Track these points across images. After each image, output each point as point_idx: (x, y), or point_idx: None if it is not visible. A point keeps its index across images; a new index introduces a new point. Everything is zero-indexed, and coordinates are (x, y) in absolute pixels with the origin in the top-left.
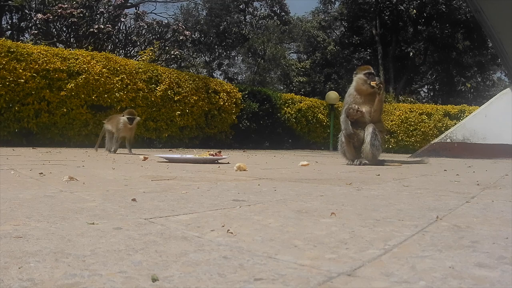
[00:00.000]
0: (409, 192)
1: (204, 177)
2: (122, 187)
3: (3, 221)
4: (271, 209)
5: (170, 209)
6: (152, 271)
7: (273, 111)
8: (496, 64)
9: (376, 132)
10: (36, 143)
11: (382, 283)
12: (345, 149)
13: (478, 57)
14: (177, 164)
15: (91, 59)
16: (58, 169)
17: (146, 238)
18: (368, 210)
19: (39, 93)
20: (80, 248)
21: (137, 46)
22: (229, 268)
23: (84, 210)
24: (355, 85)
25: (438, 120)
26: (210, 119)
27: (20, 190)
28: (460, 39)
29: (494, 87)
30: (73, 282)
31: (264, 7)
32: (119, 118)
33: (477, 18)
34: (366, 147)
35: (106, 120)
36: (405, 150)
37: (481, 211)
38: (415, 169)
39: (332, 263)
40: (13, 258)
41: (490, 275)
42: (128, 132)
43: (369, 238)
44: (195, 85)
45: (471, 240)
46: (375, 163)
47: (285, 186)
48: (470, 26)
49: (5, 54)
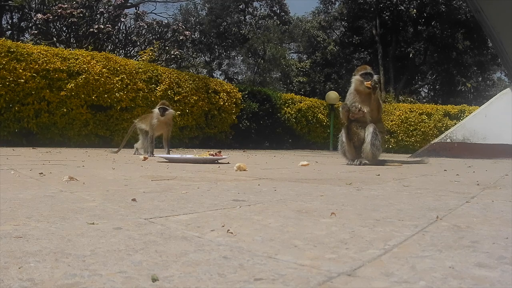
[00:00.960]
0: (409, 192)
1: (204, 177)
2: (122, 187)
3: (3, 221)
4: (271, 209)
5: (170, 209)
6: (152, 271)
7: (273, 111)
8: (496, 64)
9: (377, 132)
10: (36, 143)
11: (382, 283)
12: (345, 149)
13: (478, 57)
14: (177, 164)
15: (91, 59)
16: (58, 169)
17: (146, 238)
18: (368, 210)
19: (39, 93)
20: (80, 248)
21: (137, 46)
22: (229, 268)
23: (84, 210)
24: (354, 86)
25: (438, 120)
26: (210, 119)
27: (20, 190)
28: (460, 39)
29: (494, 87)
30: (73, 282)
31: (264, 7)
32: (151, 112)
33: (477, 18)
34: (366, 146)
35: (137, 120)
36: (405, 150)
37: (481, 211)
38: (415, 169)
39: (332, 263)
40: (13, 258)
41: (490, 275)
42: (163, 128)
43: (369, 238)
44: (195, 85)
45: (471, 240)
46: (375, 163)
47: (285, 186)
48: (470, 26)
49: (5, 54)
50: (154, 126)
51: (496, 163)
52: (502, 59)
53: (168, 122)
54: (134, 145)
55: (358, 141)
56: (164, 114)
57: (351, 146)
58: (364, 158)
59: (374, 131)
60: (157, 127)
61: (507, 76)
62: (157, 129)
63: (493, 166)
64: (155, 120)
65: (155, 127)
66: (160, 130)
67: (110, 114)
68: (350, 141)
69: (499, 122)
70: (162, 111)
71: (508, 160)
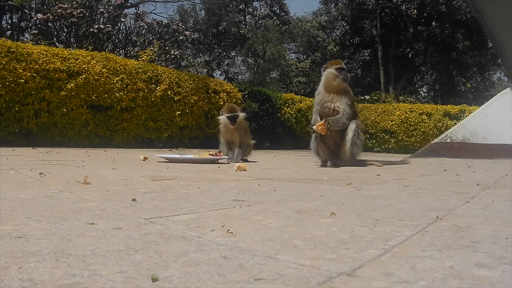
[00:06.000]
0: (409, 192)
1: (204, 177)
2: (122, 187)
3: (3, 221)
4: (271, 209)
5: (170, 209)
6: (152, 271)
7: (273, 111)
8: (496, 64)
9: (359, 130)
10: (36, 143)
11: (382, 283)
12: (318, 148)
13: (478, 57)
14: (177, 164)
15: (91, 59)
16: (58, 169)
17: (146, 238)
18: (368, 210)
19: (39, 93)
20: (80, 248)
21: (137, 46)
22: (229, 268)
23: (84, 210)
24: (325, 80)
25: (438, 120)
26: (210, 119)
27: (20, 190)
28: (460, 39)
29: (494, 87)
30: (73, 282)
31: (264, 7)
32: (218, 118)
33: (477, 18)
34: (346, 144)
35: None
36: (405, 150)
37: (481, 211)
38: (415, 169)
39: (332, 263)
40: (13, 258)
41: (490, 275)
42: (232, 134)
43: (369, 238)
44: (195, 85)
45: (471, 240)
46: (352, 163)
47: (285, 186)
48: (470, 26)
49: (5, 54)
50: (223, 132)
51: (496, 163)
52: (502, 59)
53: (240, 127)
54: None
55: (334, 144)
56: (234, 123)
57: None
58: (340, 159)
59: (356, 129)
60: (225, 133)
61: (507, 76)
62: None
63: (493, 166)
64: (222, 127)
65: (224, 134)
66: (229, 136)
67: (110, 114)
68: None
69: (499, 122)
70: (233, 120)
71: (508, 160)
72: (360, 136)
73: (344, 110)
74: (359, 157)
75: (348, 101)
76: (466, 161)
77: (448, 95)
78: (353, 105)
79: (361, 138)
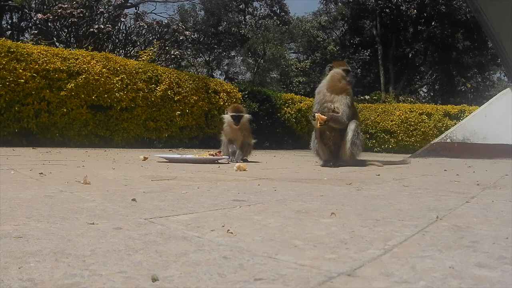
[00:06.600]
0: (409, 192)
1: (204, 177)
2: (122, 187)
3: (3, 221)
4: (271, 209)
5: (170, 209)
6: (152, 271)
7: (273, 111)
8: (496, 64)
9: (359, 130)
10: (36, 143)
11: (382, 283)
12: (318, 148)
13: (478, 57)
14: (177, 164)
15: (91, 59)
16: (58, 169)
17: (146, 238)
18: (368, 210)
19: (39, 93)
20: (80, 248)
21: (137, 46)
22: (229, 268)
23: (84, 210)
24: (330, 79)
25: (438, 120)
26: (210, 119)
27: (20, 190)
28: (460, 39)
29: (494, 87)
30: (73, 282)
31: (264, 7)
32: (222, 117)
33: (477, 18)
34: (346, 145)
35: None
36: (405, 150)
37: (481, 211)
38: (415, 169)
39: (332, 263)
40: (13, 258)
41: (490, 275)
42: (235, 134)
43: (369, 238)
44: (195, 85)
45: (471, 240)
46: (353, 163)
47: (285, 186)
48: (470, 26)
49: (5, 54)
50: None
51: (496, 163)
52: (502, 59)
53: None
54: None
55: (334, 144)
56: (238, 123)
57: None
58: (340, 159)
59: (356, 129)
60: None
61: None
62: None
63: (493, 166)
64: (226, 126)
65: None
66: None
67: (110, 114)
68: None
69: (499, 122)
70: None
71: (508, 160)
72: (360, 136)
73: (343, 110)
74: (359, 157)
75: (348, 102)
76: (466, 161)
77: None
78: (352, 105)
79: (361, 138)
